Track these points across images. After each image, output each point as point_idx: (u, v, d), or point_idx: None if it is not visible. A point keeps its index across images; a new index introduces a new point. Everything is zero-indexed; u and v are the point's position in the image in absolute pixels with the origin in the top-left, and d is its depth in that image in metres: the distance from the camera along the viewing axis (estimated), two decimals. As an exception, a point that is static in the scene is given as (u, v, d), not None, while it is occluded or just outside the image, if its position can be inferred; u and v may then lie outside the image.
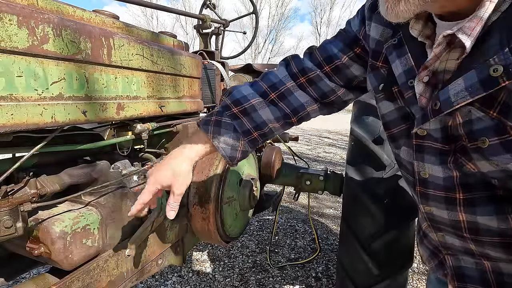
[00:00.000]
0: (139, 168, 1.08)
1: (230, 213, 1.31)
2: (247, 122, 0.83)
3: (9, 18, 0.59)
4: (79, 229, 0.79)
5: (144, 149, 1.16)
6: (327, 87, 0.83)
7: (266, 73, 0.88)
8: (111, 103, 0.86)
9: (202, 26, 1.98)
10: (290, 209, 3.39)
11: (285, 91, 0.83)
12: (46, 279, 0.81)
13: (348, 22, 0.84)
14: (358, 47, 0.80)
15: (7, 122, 0.61)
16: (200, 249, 2.47)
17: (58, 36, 0.69)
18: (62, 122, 0.72)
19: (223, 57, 2.08)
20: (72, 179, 0.83)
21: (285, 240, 2.68)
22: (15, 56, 0.62)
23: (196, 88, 1.31)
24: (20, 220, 0.69)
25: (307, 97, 0.84)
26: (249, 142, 0.85)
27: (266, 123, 0.84)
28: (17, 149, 0.76)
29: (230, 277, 2.12)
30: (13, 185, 0.70)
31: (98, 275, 0.83)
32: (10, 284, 1.63)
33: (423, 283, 2.08)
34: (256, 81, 0.89)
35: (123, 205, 0.93)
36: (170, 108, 1.13)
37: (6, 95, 0.61)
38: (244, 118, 0.83)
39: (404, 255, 1.51)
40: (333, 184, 1.87)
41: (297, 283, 2.08)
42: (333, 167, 5.03)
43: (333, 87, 0.83)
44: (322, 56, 0.83)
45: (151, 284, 2.02)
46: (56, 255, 0.74)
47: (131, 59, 0.91)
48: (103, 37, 0.82)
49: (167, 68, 1.09)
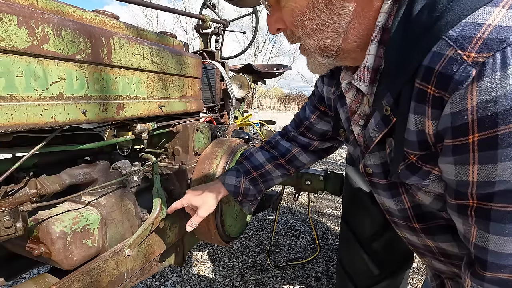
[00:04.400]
0: (139, 168, 1.08)
1: (230, 213, 1.31)
2: (247, 164, 1.07)
3: (9, 18, 0.59)
4: (79, 229, 0.79)
5: (144, 149, 1.16)
6: (303, 142, 1.05)
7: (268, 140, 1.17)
8: (111, 103, 0.86)
9: (202, 26, 1.98)
10: (290, 209, 3.39)
11: (275, 143, 1.10)
12: (46, 279, 0.81)
13: (316, 82, 1.00)
14: (323, 105, 0.96)
15: (7, 122, 0.61)
16: (200, 249, 2.47)
17: (58, 36, 0.69)
18: (62, 122, 0.72)
19: (223, 57, 2.08)
20: (72, 179, 0.83)
21: (285, 240, 2.68)
22: (15, 56, 0.62)
23: (196, 88, 1.31)
24: (20, 220, 0.68)
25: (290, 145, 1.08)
26: (250, 181, 1.06)
27: (262, 165, 1.07)
28: (17, 149, 0.76)
29: (230, 277, 2.12)
30: (13, 185, 0.70)
31: (98, 275, 0.83)
32: (10, 284, 1.64)
33: (423, 283, 2.08)
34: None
35: (123, 205, 0.93)
36: (170, 108, 1.13)
37: (6, 95, 0.61)
38: (244, 161, 1.09)
39: (404, 255, 1.51)
40: (333, 184, 1.87)
41: (297, 283, 2.08)
42: (333, 167, 5.03)
43: (307, 141, 1.05)
44: (298, 119, 1.07)
45: (151, 284, 2.02)
46: (56, 255, 0.74)
47: (131, 59, 0.91)
48: (103, 37, 0.82)
49: (167, 68, 1.09)
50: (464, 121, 0.46)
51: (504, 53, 0.42)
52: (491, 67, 0.43)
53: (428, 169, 0.58)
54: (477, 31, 0.44)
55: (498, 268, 0.51)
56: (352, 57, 0.65)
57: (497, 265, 0.51)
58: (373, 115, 0.64)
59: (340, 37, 0.61)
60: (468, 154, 0.48)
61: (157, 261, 1.08)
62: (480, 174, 0.48)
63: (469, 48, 0.44)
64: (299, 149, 1.06)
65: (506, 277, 0.51)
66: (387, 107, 0.58)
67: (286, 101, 31.37)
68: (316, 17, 0.59)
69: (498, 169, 0.46)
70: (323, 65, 0.67)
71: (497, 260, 0.51)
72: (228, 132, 1.52)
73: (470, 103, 0.45)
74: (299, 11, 0.60)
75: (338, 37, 0.61)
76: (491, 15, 0.44)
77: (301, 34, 0.63)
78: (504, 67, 0.42)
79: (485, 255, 0.52)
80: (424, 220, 0.71)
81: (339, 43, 0.62)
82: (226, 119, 1.96)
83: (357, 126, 0.74)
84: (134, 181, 1.07)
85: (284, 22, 0.65)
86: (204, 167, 1.23)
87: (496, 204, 0.49)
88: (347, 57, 0.66)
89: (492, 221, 0.50)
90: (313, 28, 0.61)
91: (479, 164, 0.47)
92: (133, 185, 1.06)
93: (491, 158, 0.46)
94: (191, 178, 1.23)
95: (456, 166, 0.51)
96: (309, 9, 0.59)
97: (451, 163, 0.51)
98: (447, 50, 0.46)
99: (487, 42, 0.43)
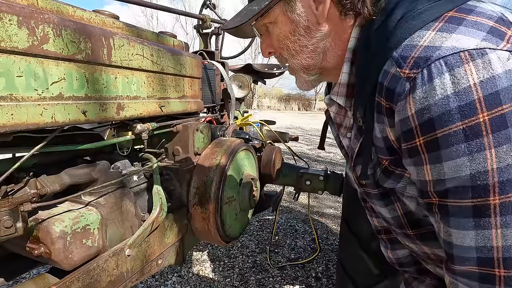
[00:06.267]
0: (139, 168, 1.08)
1: (230, 213, 1.31)
2: None
3: (9, 18, 0.59)
4: (79, 229, 0.79)
5: (144, 149, 1.16)
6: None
7: None
8: (111, 103, 0.86)
9: (202, 26, 1.98)
10: (290, 209, 3.38)
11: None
12: (46, 279, 0.81)
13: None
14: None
15: (7, 122, 0.61)
16: (200, 249, 2.47)
17: (58, 36, 0.69)
18: (62, 122, 0.72)
19: (223, 57, 2.08)
20: (72, 179, 0.83)
21: (285, 240, 2.68)
22: (15, 56, 0.62)
23: (196, 88, 1.31)
24: (20, 220, 0.68)
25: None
26: None
27: None
28: (17, 149, 0.76)
29: (230, 277, 2.12)
30: (13, 185, 0.70)
31: (98, 275, 0.83)
32: (10, 284, 1.63)
33: (423, 283, 2.08)
34: None
35: (123, 205, 0.93)
36: (170, 108, 1.13)
37: (6, 95, 0.61)
38: None
39: (404, 255, 1.51)
40: (333, 184, 1.86)
41: (297, 283, 2.08)
42: (333, 167, 5.03)
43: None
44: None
45: (151, 284, 2.02)
46: (56, 255, 0.74)
47: (131, 59, 0.91)
48: (103, 37, 0.82)
49: (167, 68, 1.09)
50: (409, 127, 0.53)
51: (429, 68, 0.49)
52: (421, 81, 0.50)
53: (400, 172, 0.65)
54: (411, 52, 0.52)
55: (463, 261, 0.55)
56: (334, 73, 0.74)
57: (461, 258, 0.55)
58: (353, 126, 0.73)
59: (320, 56, 0.71)
60: (420, 155, 0.54)
61: (157, 261, 1.08)
62: (433, 173, 0.54)
63: (404, 66, 0.52)
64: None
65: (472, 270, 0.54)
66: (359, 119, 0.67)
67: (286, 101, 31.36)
68: (297, 40, 0.70)
69: (445, 168, 0.52)
70: (308, 81, 0.77)
71: (460, 253, 0.55)
72: (228, 132, 1.52)
73: (410, 111, 0.52)
74: (283, 36, 0.71)
75: (317, 56, 0.71)
76: (423, 37, 0.52)
77: (287, 55, 0.74)
78: (430, 80, 0.49)
79: (451, 249, 0.57)
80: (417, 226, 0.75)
81: (319, 61, 0.72)
82: (226, 119, 1.96)
83: (345, 138, 0.82)
84: (134, 181, 1.07)
85: (273, 46, 0.76)
86: (204, 167, 1.23)
87: (451, 200, 0.54)
88: (329, 74, 0.75)
89: (451, 216, 0.54)
90: (295, 49, 0.71)
91: (430, 164, 0.54)
92: (133, 185, 1.06)
93: (437, 158, 0.52)
94: (191, 178, 1.23)
95: (415, 167, 0.57)
96: (291, 34, 0.70)
97: (411, 164, 0.58)
98: (391, 68, 0.54)
99: (417, 61, 0.51)
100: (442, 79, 0.48)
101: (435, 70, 0.49)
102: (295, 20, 0.68)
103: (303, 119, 16.17)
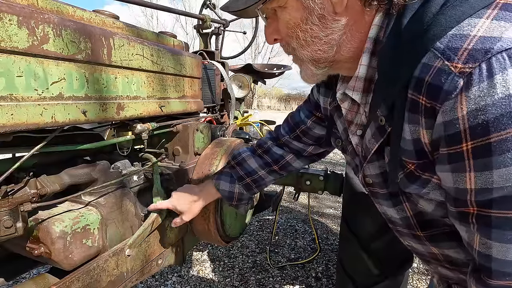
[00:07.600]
0: (139, 168, 1.08)
1: (230, 213, 1.31)
2: (240, 171, 1.06)
3: (9, 18, 0.59)
4: (79, 229, 0.79)
5: (144, 149, 1.16)
6: (297, 147, 1.04)
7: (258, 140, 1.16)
8: (111, 103, 0.86)
9: (202, 26, 1.98)
10: (290, 209, 3.39)
11: (267, 148, 1.07)
12: (46, 279, 0.81)
13: (312, 89, 1.00)
14: (319, 112, 0.96)
15: (7, 122, 0.61)
16: (200, 249, 2.47)
17: (58, 36, 0.69)
18: (62, 122, 0.72)
19: (223, 57, 2.08)
20: (72, 179, 0.83)
21: (285, 240, 2.68)
22: (15, 56, 0.62)
23: (196, 88, 1.31)
24: (20, 220, 0.68)
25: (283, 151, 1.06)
26: (244, 186, 1.06)
27: (256, 171, 1.06)
28: (17, 149, 0.76)
29: (230, 277, 2.12)
30: (13, 185, 0.70)
31: (98, 275, 0.83)
32: (10, 284, 1.63)
33: (423, 283, 2.08)
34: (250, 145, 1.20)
35: (123, 205, 0.93)
36: (170, 108, 1.13)
37: (6, 95, 0.61)
38: (237, 167, 1.07)
39: (404, 255, 1.51)
40: (333, 184, 1.86)
41: (297, 283, 2.08)
42: (333, 167, 5.03)
43: (302, 146, 1.03)
44: (293, 123, 1.04)
45: (151, 284, 2.02)
46: (56, 255, 0.74)
47: (131, 59, 0.91)
48: (103, 37, 0.82)
49: (167, 68, 1.09)
50: (456, 130, 0.47)
51: (490, 63, 0.43)
52: (478, 77, 0.43)
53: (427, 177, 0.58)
54: (462, 43, 0.45)
55: (503, 276, 0.51)
56: (346, 67, 0.67)
57: (501, 273, 0.51)
58: (369, 125, 0.66)
59: (333, 49, 0.63)
60: (464, 162, 0.48)
61: (157, 261, 1.08)
62: (477, 181, 0.48)
63: (455, 59, 0.45)
64: (292, 155, 1.05)
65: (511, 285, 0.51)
66: (382, 117, 0.60)
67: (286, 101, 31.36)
68: (310, 30, 0.61)
69: (494, 176, 0.46)
70: (316, 75, 0.69)
71: (501, 267, 0.51)
72: (228, 132, 1.52)
73: (461, 112, 0.46)
74: (293, 24, 0.62)
75: (331, 49, 0.63)
76: (476, 26, 0.45)
77: (295, 45, 0.65)
78: (491, 77, 0.43)
79: (489, 262, 0.52)
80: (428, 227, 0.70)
81: (332, 54, 0.64)
82: (226, 119, 1.96)
83: (355, 136, 0.75)
84: (134, 181, 1.07)
85: (280, 33, 0.67)
86: (204, 167, 1.23)
87: (495, 211, 0.49)
88: (341, 67, 0.67)
89: (493, 228, 0.49)
90: (306, 40, 0.62)
91: (475, 171, 0.48)
92: (133, 185, 1.06)
93: (486, 165, 0.46)
94: (191, 178, 1.23)
95: (453, 174, 0.51)
96: (303, 22, 0.61)
97: (448, 171, 0.52)
98: (435, 61, 0.47)
99: (472, 53, 0.44)
100: (504, 76, 0.42)
101: (497, 64, 0.42)
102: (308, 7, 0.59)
103: (303, 119, 16.11)
